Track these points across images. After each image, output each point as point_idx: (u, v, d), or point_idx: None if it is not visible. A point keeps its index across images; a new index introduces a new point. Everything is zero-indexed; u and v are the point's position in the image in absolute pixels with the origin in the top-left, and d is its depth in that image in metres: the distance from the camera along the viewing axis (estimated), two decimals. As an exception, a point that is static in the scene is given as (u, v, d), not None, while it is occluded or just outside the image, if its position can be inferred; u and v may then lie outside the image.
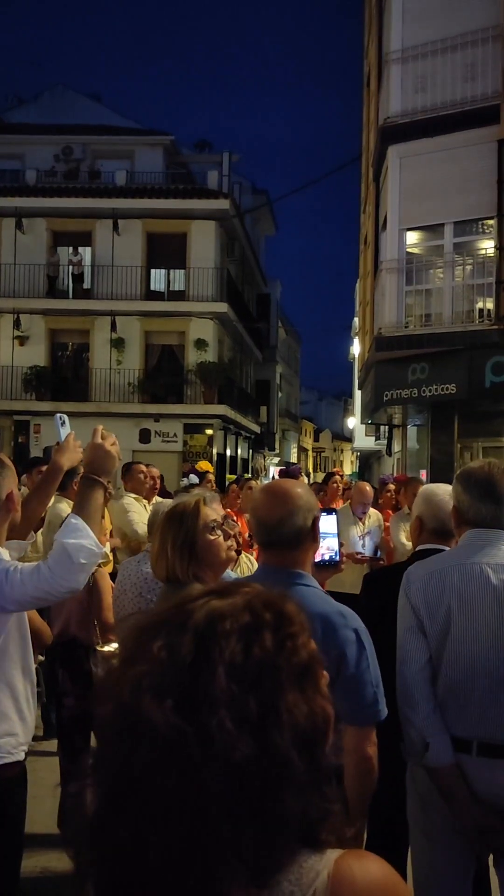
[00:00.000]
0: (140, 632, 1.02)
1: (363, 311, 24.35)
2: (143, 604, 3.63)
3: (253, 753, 0.91)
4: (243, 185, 35.30)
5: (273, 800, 0.92)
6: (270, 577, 2.49)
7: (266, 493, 2.62)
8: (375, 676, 2.44)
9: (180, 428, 27.25)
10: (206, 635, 0.97)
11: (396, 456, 20.28)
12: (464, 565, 2.75)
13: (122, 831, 0.91)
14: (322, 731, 0.99)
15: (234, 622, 0.98)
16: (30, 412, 26.81)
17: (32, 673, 2.88)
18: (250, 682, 0.94)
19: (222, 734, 0.91)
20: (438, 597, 2.74)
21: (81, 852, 0.96)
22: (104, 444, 2.73)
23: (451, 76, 14.34)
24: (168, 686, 0.93)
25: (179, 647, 0.96)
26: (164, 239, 27.98)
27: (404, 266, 15.21)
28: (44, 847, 4.08)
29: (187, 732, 0.91)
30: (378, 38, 18.52)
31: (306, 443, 70.81)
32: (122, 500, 6.86)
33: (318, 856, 0.98)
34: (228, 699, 0.92)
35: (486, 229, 14.81)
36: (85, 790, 0.97)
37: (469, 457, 15.17)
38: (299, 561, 2.52)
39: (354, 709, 2.39)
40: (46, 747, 5.74)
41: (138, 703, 0.93)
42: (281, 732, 0.94)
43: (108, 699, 0.98)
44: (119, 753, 0.93)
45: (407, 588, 2.84)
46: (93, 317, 27.50)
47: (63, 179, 29.66)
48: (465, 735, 2.69)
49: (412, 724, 2.72)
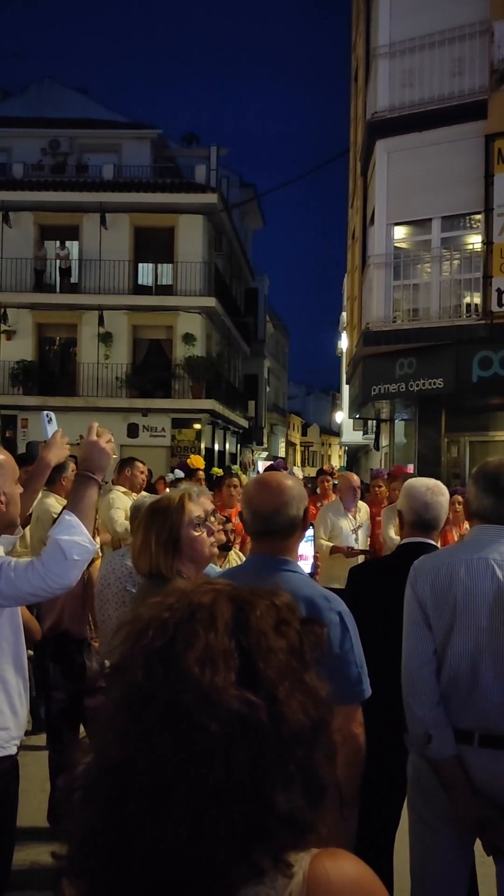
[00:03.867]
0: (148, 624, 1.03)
1: (351, 306, 24.38)
2: (126, 597, 3.64)
3: (308, 723, 0.96)
4: (231, 180, 35.26)
5: (322, 765, 0.98)
6: (261, 565, 2.62)
7: (260, 486, 2.72)
8: (359, 657, 2.54)
9: (168, 422, 27.25)
10: (239, 619, 1.00)
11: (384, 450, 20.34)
12: (470, 560, 2.78)
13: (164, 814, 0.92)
14: (331, 710, 1.04)
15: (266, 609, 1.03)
16: (17, 407, 26.74)
17: (25, 667, 2.90)
18: (297, 658, 1.00)
19: (289, 706, 0.95)
20: (445, 591, 2.77)
21: (81, 847, 0.96)
22: (99, 442, 2.74)
23: (439, 71, 14.36)
24: (225, 661, 0.96)
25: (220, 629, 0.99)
26: (152, 233, 27.92)
27: (392, 261, 15.23)
28: (33, 841, 4.09)
29: (257, 705, 0.93)
30: (366, 33, 18.52)
31: (294, 437, 70.85)
32: (108, 495, 6.83)
33: (296, 854, 0.98)
34: (286, 672, 0.97)
35: (473, 224, 14.87)
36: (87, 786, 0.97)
37: (456, 451, 15.24)
38: (288, 549, 2.66)
39: (339, 688, 2.45)
40: (35, 741, 5.74)
41: (199, 679, 0.94)
42: (318, 705, 0.99)
43: (133, 681, 0.98)
44: (167, 730, 0.93)
45: (414, 582, 2.87)
46: (80, 311, 27.44)
47: (50, 173, 29.51)
48: (468, 727, 2.73)
49: (416, 716, 2.77)
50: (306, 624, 1.05)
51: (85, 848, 0.96)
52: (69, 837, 0.99)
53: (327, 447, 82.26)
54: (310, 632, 1.05)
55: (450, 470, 14.97)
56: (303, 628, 1.04)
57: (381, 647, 2.83)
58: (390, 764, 3.03)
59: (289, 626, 1.02)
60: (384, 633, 2.95)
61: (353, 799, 2.61)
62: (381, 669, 2.78)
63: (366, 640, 2.64)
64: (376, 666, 2.72)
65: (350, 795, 2.58)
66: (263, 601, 1.03)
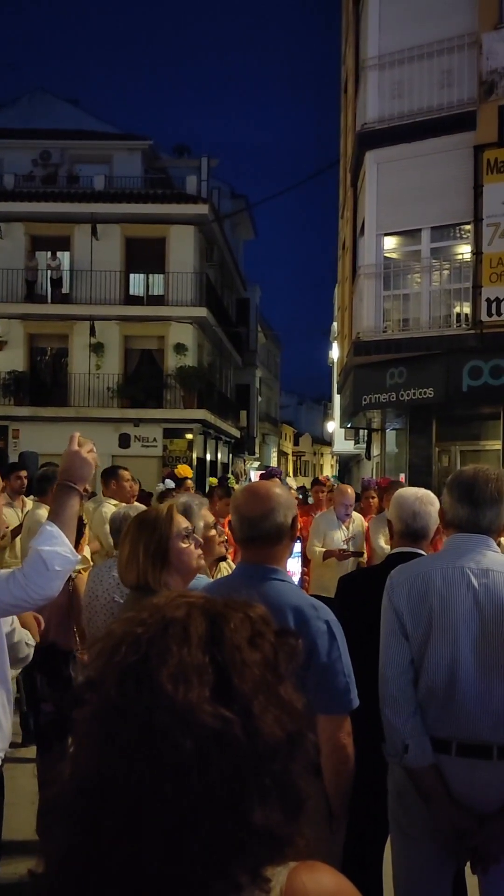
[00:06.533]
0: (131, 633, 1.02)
1: (342, 316, 24.44)
2: (114, 608, 3.62)
3: (283, 736, 0.95)
4: (222, 190, 35.33)
5: (299, 779, 0.97)
6: (249, 574, 2.63)
7: (248, 492, 2.74)
8: (347, 666, 2.54)
9: (160, 432, 27.23)
10: (214, 635, 0.99)
11: (375, 460, 20.35)
12: (446, 569, 2.77)
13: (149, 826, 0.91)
14: (308, 721, 1.02)
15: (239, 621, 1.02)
16: (9, 417, 26.72)
17: (8, 680, 2.88)
18: (272, 671, 0.99)
19: (264, 720, 0.94)
20: (421, 600, 2.77)
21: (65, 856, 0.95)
22: (80, 451, 2.71)
23: (428, 83, 14.44)
24: (199, 677, 0.95)
25: (195, 643, 0.98)
26: (143, 243, 27.96)
27: (382, 271, 15.29)
28: (22, 854, 4.06)
29: (232, 721, 0.93)
30: (355, 45, 18.62)
31: (286, 447, 70.87)
32: (101, 509, 6.79)
33: (273, 869, 0.97)
34: (260, 686, 0.96)
35: (463, 234, 14.94)
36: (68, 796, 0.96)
37: (447, 460, 15.27)
38: (276, 558, 2.66)
39: (327, 697, 2.46)
40: (25, 754, 5.72)
41: (173, 696, 0.93)
42: (294, 718, 0.98)
43: (106, 696, 0.97)
44: (142, 748, 0.92)
45: (390, 591, 2.86)
46: (72, 321, 27.43)
47: (41, 184, 29.55)
48: (445, 735, 2.72)
49: (393, 726, 2.76)
50: (281, 636, 1.04)
51: (63, 866, 0.95)
52: (47, 856, 0.98)
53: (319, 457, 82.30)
54: (285, 644, 1.04)
55: (441, 479, 14.99)
56: (278, 640, 1.03)
57: (370, 657, 2.83)
58: (381, 775, 3.02)
59: (263, 638, 1.01)
60: (373, 643, 2.94)
61: (342, 811, 2.60)
62: (371, 679, 2.78)
63: (355, 650, 2.64)
64: (366, 676, 2.73)
65: (338, 807, 2.57)
66: (238, 614, 1.02)
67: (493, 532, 2.85)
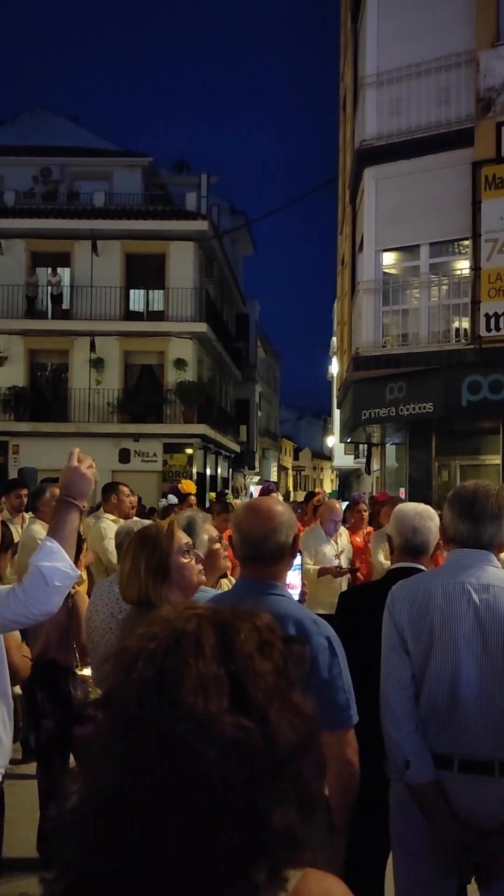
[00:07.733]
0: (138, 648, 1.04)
1: (341, 331, 24.50)
2: (114, 624, 3.62)
3: (297, 740, 0.99)
4: (221, 206, 35.54)
5: (312, 780, 1.01)
6: (249, 589, 2.63)
7: (250, 511, 2.72)
8: (347, 682, 2.54)
9: (160, 447, 27.24)
10: (225, 645, 1.02)
11: (375, 474, 20.36)
12: (447, 584, 2.77)
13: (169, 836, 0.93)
14: (317, 725, 1.05)
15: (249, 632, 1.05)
16: (9, 433, 26.73)
17: (9, 696, 2.88)
18: (283, 678, 1.03)
19: (279, 726, 0.98)
20: (422, 616, 2.76)
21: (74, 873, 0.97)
22: (80, 467, 2.70)
23: (426, 100, 14.55)
24: (216, 688, 0.97)
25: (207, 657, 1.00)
26: (143, 260, 28.08)
27: (381, 286, 15.35)
28: (22, 871, 4.05)
29: (250, 729, 0.95)
30: (353, 63, 18.77)
31: (286, 461, 70.87)
32: (100, 524, 6.79)
33: (291, 871, 0.99)
34: (274, 694, 1.00)
35: (461, 250, 15.00)
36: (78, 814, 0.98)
37: (447, 475, 15.27)
38: (276, 574, 2.66)
39: (327, 713, 2.45)
40: (25, 770, 5.70)
41: (194, 708, 0.95)
42: (305, 722, 1.02)
43: (125, 709, 0.99)
44: (164, 759, 0.95)
45: (391, 607, 2.86)
46: (72, 337, 27.51)
47: (41, 201, 29.72)
48: (447, 751, 2.71)
49: (394, 742, 2.75)
50: (288, 643, 1.08)
51: (83, 878, 0.96)
52: (63, 868, 0.99)
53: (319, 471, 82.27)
54: (292, 651, 1.07)
55: (441, 493, 14.98)
56: (285, 648, 1.06)
57: (371, 673, 2.83)
58: (382, 790, 3.01)
59: (272, 647, 1.04)
60: (374, 659, 2.94)
61: (344, 826, 2.59)
62: (372, 695, 2.77)
63: (356, 665, 2.64)
64: (367, 691, 2.72)
65: (341, 822, 2.56)
66: (246, 624, 1.05)
67: (493, 547, 2.85)
